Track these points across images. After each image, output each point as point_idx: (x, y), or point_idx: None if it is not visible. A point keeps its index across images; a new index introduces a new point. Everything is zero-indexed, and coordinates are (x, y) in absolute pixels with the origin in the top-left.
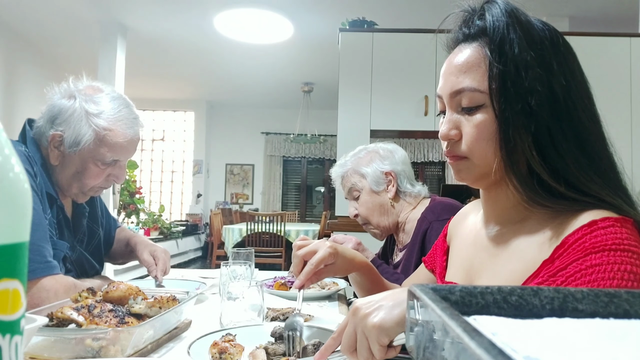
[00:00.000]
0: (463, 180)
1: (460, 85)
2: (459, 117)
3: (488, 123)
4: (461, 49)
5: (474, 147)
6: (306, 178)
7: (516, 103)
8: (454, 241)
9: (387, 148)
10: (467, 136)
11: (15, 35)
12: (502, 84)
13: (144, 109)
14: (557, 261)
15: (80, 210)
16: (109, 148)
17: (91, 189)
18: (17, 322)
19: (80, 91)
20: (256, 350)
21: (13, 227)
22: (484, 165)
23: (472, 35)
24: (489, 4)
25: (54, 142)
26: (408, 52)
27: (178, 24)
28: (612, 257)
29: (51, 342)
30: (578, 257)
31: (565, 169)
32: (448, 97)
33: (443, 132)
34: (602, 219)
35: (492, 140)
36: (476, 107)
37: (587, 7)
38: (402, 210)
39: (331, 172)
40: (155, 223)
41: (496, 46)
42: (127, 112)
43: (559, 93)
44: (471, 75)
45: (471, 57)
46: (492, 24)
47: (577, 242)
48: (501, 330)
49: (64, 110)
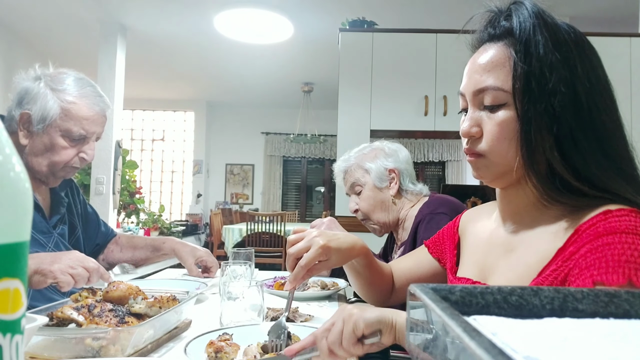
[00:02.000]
0: (481, 178)
1: (484, 84)
2: (481, 114)
3: (510, 122)
4: (486, 49)
5: (494, 145)
6: (306, 178)
7: (540, 103)
8: (467, 238)
9: (391, 147)
10: (488, 134)
11: (15, 35)
12: (527, 83)
13: (144, 109)
14: (571, 247)
15: (58, 199)
16: (75, 122)
17: (62, 168)
18: (17, 321)
19: (45, 74)
20: (248, 347)
21: (13, 226)
22: (502, 163)
23: (498, 36)
24: (516, 4)
25: (22, 122)
26: (408, 52)
27: (178, 24)
28: (624, 238)
29: (51, 341)
30: (590, 239)
31: (587, 169)
32: (471, 94)
33: (464, 129)
34: (617, 210)
35: (513, 139)
36: (498, 106)
37: (587, 7)
38: (402, 208)
39: (334, 166)
40: (155, 223)
41: (522, 46)
42: (91, 89)
43: (582, 95)
44: (495, 74)
45: (496, 57)
46: (519, 25)
47: (590, 228)
48: (501, 330)
49: (29, 89)
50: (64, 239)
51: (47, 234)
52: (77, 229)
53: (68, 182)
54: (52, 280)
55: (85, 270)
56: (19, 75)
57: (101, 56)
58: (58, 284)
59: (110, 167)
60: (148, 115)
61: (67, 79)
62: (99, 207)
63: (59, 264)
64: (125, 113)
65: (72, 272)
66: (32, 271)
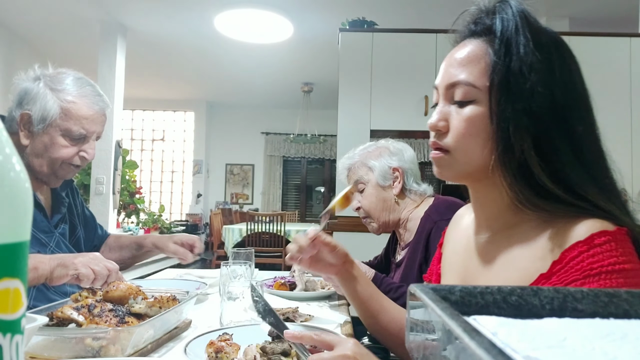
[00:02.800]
0: (443, 177)
1: (457, 78)
2: (450, 109)
3: (477, 119)
4: (465, 44)
5: (459, 141)
6: (306, 178)
7: (518, 103)
8: (447, 247)
9: (397, 145)
10: (454, 129)
11: (15, 35)
12: (505, 82)
13: (144, 109)
14: (555, 277)
15: (59, 199)
16: (75, 121)
17: (62, 166)
18: (17, 321)
19: (45, 74)
20: (248, 347)
21: (13, 226)
22: (465, 162)
23: (478, 32)
24: (501, 3)
25: (22, 122)
26: (408, 52)
27: (178, 24)
28: (608, 281)
29: (51, 341)
30: (577, 278)
31: (562, 171)
32: (443, 88)
33: (432, 122)
34: (598, 233)
35: (479, 137)
36: (468, 102)
37: (587, 7)
38: (405, 208)
39: (338, 164)
40: (155, 223)
41: (503, 45)
42: (90, 89)
43: (559, 98)
44: (469, 69)
45: (472, 52)
46: (502, 23)
47: (574, 259)
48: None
49: (29, 90)
50: (65, 238)
51: (48, 233)
52: (77, 229)
53: (68, 183)
54: (73, 271)
55: (106, 269)
56: (18, 76)
57: (101, 56)
58: (79, 276)
59: (110, 167)
60: (148, 115)
61: (67, 79)
62: (99, 207)
63: (82, 258)
64: (125, 113)
65: (94, 268)
66: (55, 264)
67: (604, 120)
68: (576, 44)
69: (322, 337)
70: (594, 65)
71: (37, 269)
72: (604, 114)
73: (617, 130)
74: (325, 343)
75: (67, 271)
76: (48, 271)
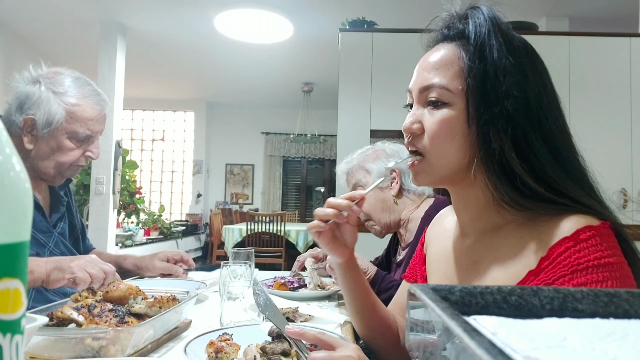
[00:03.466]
0: (422, 184)
1: (430, 82)
2: (424, 112)
3: (451, 121)
4: (438, 48)
5: (434, 142)
6: (306, 178)
7: (494, 106)
8: (431, 249)
9: (393, 147)
10: (428, 131)
11: (14, 35)
12: (481, 86)
13: (144, 109)
14: (543, 274)
15: (58, 198)
16: (81, 123)
17: (69, 167)
18: (17, 321)
19: (42, 76)
20: (248, 347)
21: (13, 226)
22: (441, 164)
23: (451, 37)
24: (473, 10)
25: (26, 127)
26: (408, 52)
27: (178, 24)
28: (594, 274)
29: (51, 341)
30: (564, 273)
31: (542, 170)
32: (417, 91)
33: (406, 124)
34: (583, 229)
35: (455, 139)
36: (442, 104)
37: (587, 7)
38: (404, 208)
39: (337, 168)
40: (155, 223)
41: (477, 50)
42: (90, 89)
43: (533, 100)
44: (442, 73)
45: (445, 56)
46: (475, 28)
47: (561, 255)
48: (501, 330)
49: (30, 94)
50: (65, 237)
51: (47, 233)
52: (76, 228)
53: (66, 183)
54: (70, 275)
55: (103, 272)
56: (14, 78)
57: (101, 56)
58: (75, 280)
59: (110, 167)
60: (148, 115)
61: (66, 80)
62: (99, 207)
63: (78, 261)
64: (125, 113)
65: (90, 271)
66: (51, 268)
67: (604, 120)
68: (576, 44)
69: (325, 337)
70: (594, 65)
71: (32, 273)
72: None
73: (617, 130)
74: (326, 343)
75: (64, 275)
76: (44, 274)
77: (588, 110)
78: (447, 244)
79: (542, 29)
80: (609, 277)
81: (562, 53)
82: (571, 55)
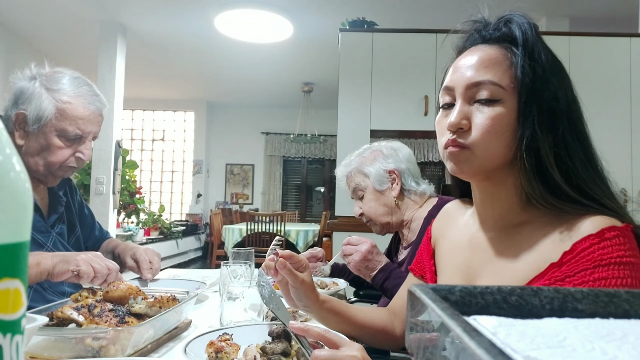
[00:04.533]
0: (461, 172)
1: (480, 78)
2: (471, 108)
3: (503, 117)
4: (480, 49)
5: (483, 137)
6: (306, 178)
7: (543, 104)
8: (441, 243)
9: (391, 146)
10: (478, 127)
11: (15, 35)
12: (531, 84)
13: (144, 109)
14: (565, 266)
15: (56, 198)
16: (71, 121)
17: (60, 167)
18: (18, 321)
19: (41, 73)
20: (248, 347)
21: (14, 226)
22: (484, 158)
23: (495, 39)
24: (511, 15)
25: (18, 122)
26: (408, 52)
27: (178, 24)
28: (616, 271)
29: (51, 341)
30: (587, 267)
31: (575, 172)
32: (463, 88)
33: (454, 121)
34: (609, 228)
35: (503, 135)
36: (493, 101)
37: (587, 7)
38: (407, 209)
39: (336, 172)
40: (155, 223)
41: (527, 50)
42: (87, 89)
43: (570, 102)
44: (493, 70)
45: (493, 55)
46: (523, 31)
47: (585, 250)
48: (501, 330)
49: (24, 89)
50: (63, 238)
51: (45, 233)
52: (76, 228)
53: (66, 182)
54: (74, 267)
55: (106, 268)
56: (14, 75)
57: (101, 56)
58: (79, 273)
59: (110, 167)
60: (148, 115)
61: (63, 79)
62: (99, 207)
63: (84, 255)
64: (125, 113)
65: (95, 266)
66: (57, 260)
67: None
68: (576, 44)
69: (329, 335)
70: (594, 65)
71: (39, 264)
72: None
73: (617, 130)
74: (331, 341)
75: (69, 266)
76: (50, 266)
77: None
78: (462, 238)
79: (542, 29)
80: (630, 275)
81: (562, 53)
82: (571, 56)
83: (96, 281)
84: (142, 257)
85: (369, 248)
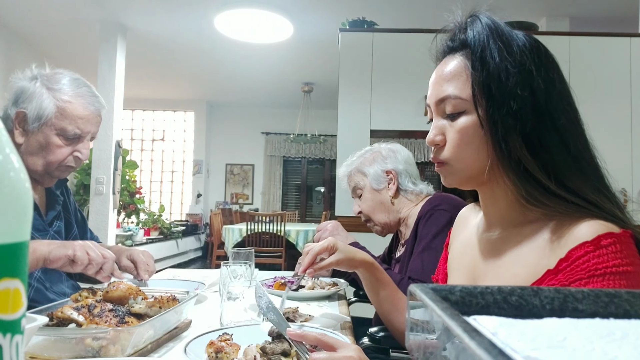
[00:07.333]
0: (451, 185)
1: (444, 94)
2: (444, 123)
3: (469, 128)
4: (446, 61)
5: (456, 151)
6: (306, 178)
7: (501, 107)
8: (454, 246)
9: (390, 148)
10: (450, 142)
11: (15, 35)
12: (487, 90)
13: (144, 109)
14: (561, 275)
15: (53, 197)
16: (70, 120)
17: (58, 167)
18: (17, 321)
19: (41, 74)
20: (248, 347)
21: (14, 226)
22: (465, 168)
23: (455, 48)
24: (472, 18)
25: (18, 121)
26: (408, 52)
27: (178, 23)
28: (611, 282)
29: (51, 341)
30: (581, 277)
31: (555, 167)
32: (434, 104)
33: (429, 138)
34: (605, 235)
35: (473, 144)
36: (458, 113)
37: (587, 7)
38: (403, 207)
39: (338, 171)
40: (155, 223)
41: (478, 57)
42: (87, 89)
43: (540, 97)
44: (453, 83)
45: (453, 67)
46: (474, 37)
47: (581, 259)
48: (501, 330)
49: (25, 89)
50: (61, 236)
51: (42, 231)
52: (73, 227)
53: (63, 182)
54: (71, 251)
55: (102, 257)
56: (15, 75)
57: (101, 56)
58: (74, 258)
59: (110, 167)
60: (148, 115)
61: (63, 79)
62: (99, 207)
63: (81, 242)
64: (125, 113)
65: (90, 253)
66: (54, 246)
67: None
68: (576, 44)
69: (326, 338)
70: (594, 65)
71: (35, 251)
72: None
73: (617, 130)
74: (328, 344)
75: (66, 251)
76: (46, 252)
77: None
78: (471, 238)
79: (542, 29)
80: (626, 285)
81: (562, 53)
82: (571, 56)
83: (91, 269)
84: (139, 258)
85: (334, 224)
